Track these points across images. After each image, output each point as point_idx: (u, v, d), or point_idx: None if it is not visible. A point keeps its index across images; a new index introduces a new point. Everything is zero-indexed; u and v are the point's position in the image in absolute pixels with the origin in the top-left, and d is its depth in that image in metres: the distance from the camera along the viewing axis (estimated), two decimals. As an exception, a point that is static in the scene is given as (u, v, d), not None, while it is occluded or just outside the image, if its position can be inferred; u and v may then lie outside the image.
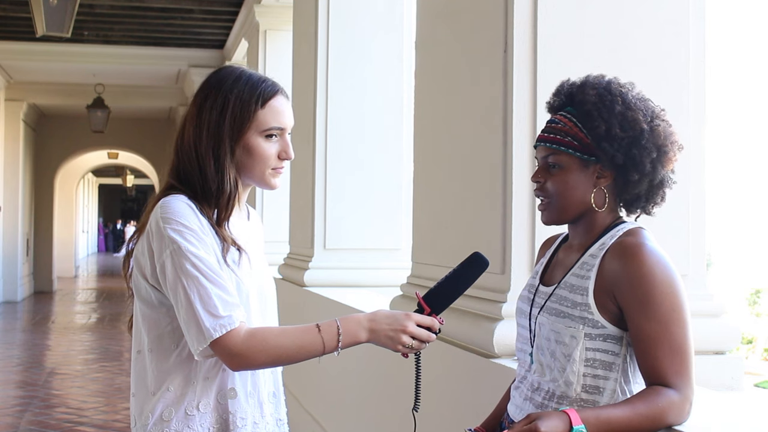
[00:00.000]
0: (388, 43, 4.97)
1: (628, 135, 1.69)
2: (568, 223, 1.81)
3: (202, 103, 1.82)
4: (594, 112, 1.71)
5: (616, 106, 1.70)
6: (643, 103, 1.74)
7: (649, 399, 1.59)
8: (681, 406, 1.59)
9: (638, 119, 1.70)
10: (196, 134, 1.80)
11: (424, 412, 1.90)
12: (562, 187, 1.74)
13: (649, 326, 1.60)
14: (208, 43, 10.58)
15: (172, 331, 1.77)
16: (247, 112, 1.80)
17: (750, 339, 18.61)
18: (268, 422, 1.85)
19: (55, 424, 6.02)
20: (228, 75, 1.84)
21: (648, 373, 1.62)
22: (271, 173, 1.85)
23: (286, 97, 1.86)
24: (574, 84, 1.79)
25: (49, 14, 7.19)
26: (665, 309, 1.60)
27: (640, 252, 1.64)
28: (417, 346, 1.74)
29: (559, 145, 1.74)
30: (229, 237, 1.78)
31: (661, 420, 1.58)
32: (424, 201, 3.28)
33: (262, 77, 1.85)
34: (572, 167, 1.73)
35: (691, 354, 1.61)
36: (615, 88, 1.74)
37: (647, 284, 1.61)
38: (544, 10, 2.45)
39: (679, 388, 1.59)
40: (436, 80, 3.17)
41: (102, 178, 29.91)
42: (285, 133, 1.85)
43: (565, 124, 1.75)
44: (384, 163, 4.92)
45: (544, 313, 1.75)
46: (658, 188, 1.74)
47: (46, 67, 11.80)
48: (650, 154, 1.69)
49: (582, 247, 1.76)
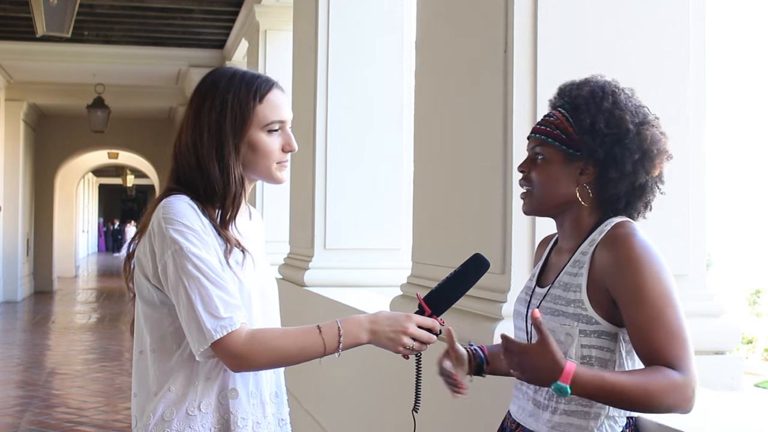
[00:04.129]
0: (388, 43, 4.97)
1: (612, 132, 1.70)
2: (554, 220, 1.82)
3: (199, 106, 1.82)
4: (582, 106, 1.73)
5: (605, 102, 1.72)
6: (635, 107, 1.74)
7: (650, 373, 1.55)
8: (684, 389, 1.54)
9: (625, 119, 1.71)
10: (195, 138, 1.80)
11: (424, 412, 1.90)
12: (544, 177, 1.76)
13: (643, 313, 1.60)
14: (208, 43, 10.58)
15: (174, 331, 1.77)
16: (246, 109, 1.80)
17: (750, 339, 18.62)
18: (270, 422, 1.85)
19: (56, 424, 6.02)
20: (222, 75, 1.84)
21: (648, 359, 1.59)
22: (276, 167, 1.85)
23: (281, 90, 1.87)
24: (574, 83, 1.81)
25: (49, 14, 7.19)
26: (657, 294, 1.60)
27: (628, 241, 1.64)
28: (418, 347, 1.75)
29: (547, 136, 1.76)
30: (233, 238, 1.79)
31: (659, 397, 1.53)
32: (424, 201, 3.28)
33: (256, 73, 1.86)
34: (556, 159, 1.75)
35: (688, 339, 1.60)
36: (609, 87, 1.76)
37: (636, 272, 1.61)
38: (544, 10, 2.45)
39: (682, 371, 1.55)
40: (436, 80, 3.17)
41: (102, 178, 29.93)
42: (286, 126, 1.86)
43: (557, 118, 1.77)
44: (384, 163, 4.92)
45: (540, 313, 1.75)
46: (639, 193, 1.73)
47: (46, 67, 11.80)
48: (633, 155, 1.70)
49: (571, 248, 1.77)
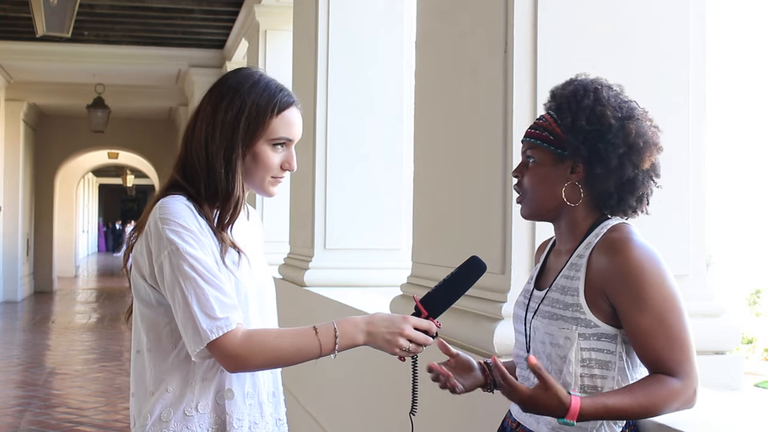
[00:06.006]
0: (389, 43, 4.96)
1: (594, 128, 1.69)
2: (550, 222, 1.82)
3: (218, 102, 1.81)
4: (564, 105, 1.73)
5: (585, 100, 1.71)
6: (619, 102, 1.73)
7: (650, 387, 1.59)
8: (685, 394, 1.59)
9: (606, 114, 1.69)
10: (208, 132, 1.79)
11: (423, 414, 1.90)
12: (535, 180, 1.76)
13: (643, 320, 1.60)
14: (208, 43, 10.57)
15: (170, 331, 1.76)
16: (262, 118, 1.79)
17: (750, 339, 18.63)
18: (268, 422, 1.85)
19: (55, 424, 6.02)
20: (246, 78, 1.83)
21: (650, 366, 1.63)
22: (270, 181, 1.85)
23: (299, 110, 1.87)
24: (561, 84, 1.80)
25: (49, 14, 7.19)
26: (657, 300, 1.60)
27: (626, 247, 1.63)
28: (414, 349, 1.74)
29: (536, 139, 1.76)
30: (228, 238, 1.78)
31: (662, 408, 1.59)
32: (424, 201, 3.28)
33: (280, 86, 1.85)
34: (546, 161, 1.75)
35: (689, 341, 1.61)
36: (592, 85, 1.74)
37: (637, 278, 1.61)
38: (544, 10, 2.45)
39: (682, 376, 1.59)
40: (436, 80, 3.17)
41: (102, 178, 29.93)
42: (291, 145, 1.86)
43: (546, 120, 1.77)
44: (384, 162, 4.91)
45: (538, 317, 1.75)
46: (630, 187, 1.71)
47: (46, 67, 11.80)
48: (617, 150, 1.68)
49: (568, 250, 1.76)
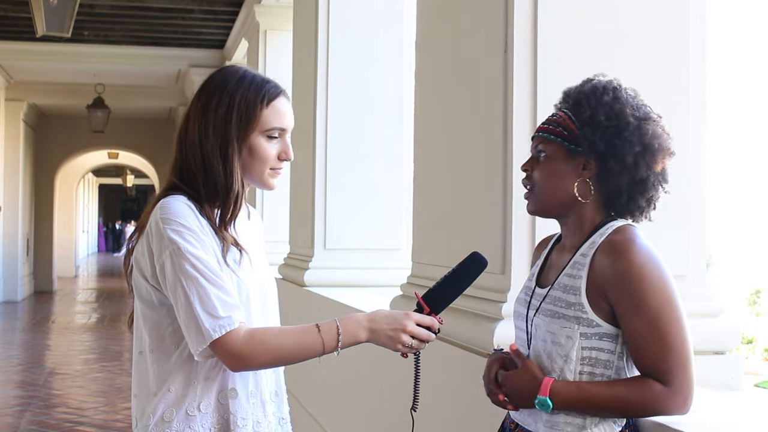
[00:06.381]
0: (388, 43, 4.96)
1: (612, 124, 1.70)
2: (557, 219, 1.82)
3: (207, 101, 1.82)
4: (583, 100, 1.74)
5: (605, 96, 1.72)
6: (637, 103, 1.74)
7: (632, 386, 1.62)
8: (671, 401, 1.60)
9: (625, 112, 1.71)
10: (201, 131, 1.80)
11: (423, 411, 1.90)
12: (546, 174, 1.76)
13: (639, 323, 1.61)
14: (208, 43, 10.57)
15: (173, 331, 1.77)
16: (252, 111, 1.80)
17: (750, 339, 18.62)
18: (271, 421, 1.85)
19: (55, 424, 6.02)
20: (232, 75, 1.84)
21: (641, 370, 1.64)
22: (270, 173, 1.85)
23: (288, 99, 1.88)
24: (578, 84, 1.81)
25: (49, 14, 7.18)
26: (655, 306, 1.61)
27: (629, 249, 1.64)
28: (417, 345, 1.75)
29: (549, 133, 1.76)
30: (230, 237, 1.78)
31: (642, 409, 1.61)
32: (424, 201, 3.28)
33: (266, 78, 1.86)
34: (558, 156, 1.75)
35: (685, 350, 1.61)
36: (610, 84, 1.76)
37: (637, 282, 1.61)
38: (544, 10, 2.45)
39: (670, 383, 1.60)
40: (436, 80, 3.17)
41: (102, 178, 29.92)
42: (285, 134, 1.86)
43: (559, 116, 1.78)
44: (384, 162, 4.91)
45: (540, 314, 1.75)
46: (641, 188, 1.72)
47: (46, 67, 11.80)
48: (633, 148, 1.69)
49: (573, 246, 1.76)
